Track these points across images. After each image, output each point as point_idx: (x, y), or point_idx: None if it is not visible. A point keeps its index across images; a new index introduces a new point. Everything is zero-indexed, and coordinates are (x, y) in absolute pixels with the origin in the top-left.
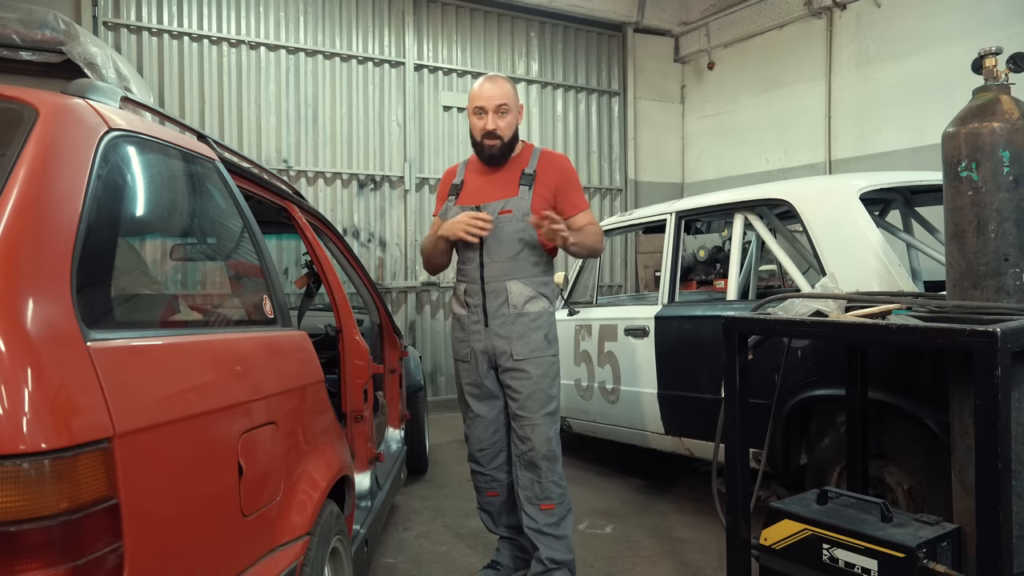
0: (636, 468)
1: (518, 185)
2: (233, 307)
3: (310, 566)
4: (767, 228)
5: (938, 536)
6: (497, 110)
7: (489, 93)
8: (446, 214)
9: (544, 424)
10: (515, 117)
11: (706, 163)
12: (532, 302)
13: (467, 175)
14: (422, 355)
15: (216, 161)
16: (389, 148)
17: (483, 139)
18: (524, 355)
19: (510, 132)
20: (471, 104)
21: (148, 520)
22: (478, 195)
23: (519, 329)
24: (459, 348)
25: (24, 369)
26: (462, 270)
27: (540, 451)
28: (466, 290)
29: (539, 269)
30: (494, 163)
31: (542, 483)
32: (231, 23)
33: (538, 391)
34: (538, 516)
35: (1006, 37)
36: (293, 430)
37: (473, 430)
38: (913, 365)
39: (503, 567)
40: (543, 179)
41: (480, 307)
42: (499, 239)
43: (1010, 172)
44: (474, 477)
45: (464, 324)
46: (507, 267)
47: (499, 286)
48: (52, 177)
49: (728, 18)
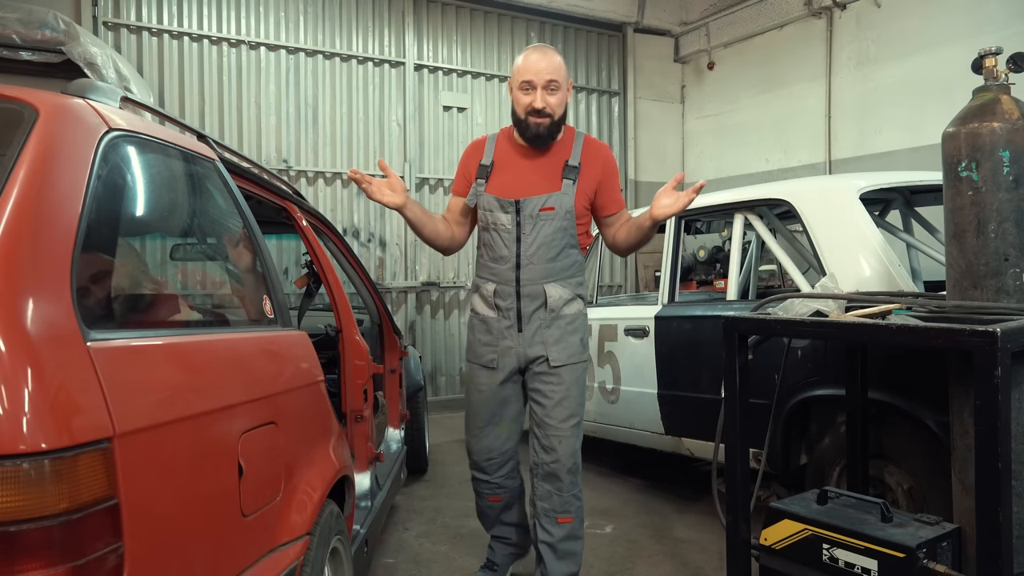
0: (636, 468)
1: (561, 178)
2: (233, 307)
3: (310, 566)
4: (767, 228)
5: (938, 536)
6: (547, 86)
7: (538, 66)
8: (477, 200)
9: (572, 435)
10: (565, 95)
11: (706, 163)
12: (569, 304)
13: (498, 155)
14: (422, 355)
15: (216, 161)
16: (389, 148)
17: (528, 116)
18: (561, 360)
19: (560, 111)
20: (517, 78)
21: (148, 520)
22: (514, 185)
23: (555, 333)
24: (483, 352)
25: (24, 369)
26: (492, 268)
27: (566, 464)
28: (496, 291)
29: (576, 268)
30: (538, 144)
31: (563, 496)
32: (231, 23)
33: (569, 398)
34: (554, 530)
35: (1006, 37)
36: (293, 430)
37: (481, 440)
38: (913, 365)
39: (499, 566)
40: (588, 171)
41: (514, 310)
42: (539, 238)
43: (1010, 172)
44: (476, 484)
45: (491, 327)
46: (547, 269)
47: (536, 289)
48: (52, 177)
49: (728, 18)
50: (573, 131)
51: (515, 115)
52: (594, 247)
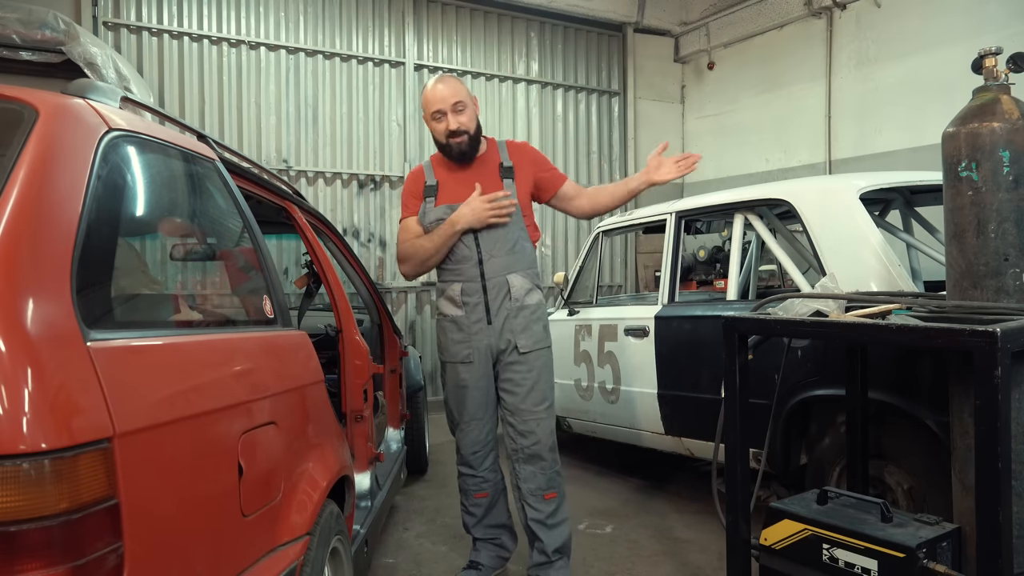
0: (636, 468)
1: (500, 179)
2: (233, 307)
3: (310, 566)
4: (767, 228)
5: (938, 536)
6: (454, 108)
7: (443, 94)
8: (428, 216)
9: (547, 417)
10: (473, 111)
11: (706, 163)
12: (531, 294)
13: (439, 176)
14: (422, 355)
15: (216, 161)
16: (389, 148)
17: (448, 139)
18: (529, 347)
19: (473, 125)
20: (427, 110)
21: (148, 520)
22: (460, 194)
23: (522, 322)
24: (458, 350)
25: (24, 369)
26: (455, 269)
27: (546, 444)
28: (463, 289)
29: (531, 260)
30: (465, 159)
31: (547, 474)
32: (231, 23)
33: (540, 382)
34: (541, 507)
35: (1006, 37)
36: (293, 430)
37: (468, 433)
38: (913, 365)
39: (484, 567)
40: (521, 168)
41: (482, 304)
42: (494, 233)
43: (1010, 172)
44: (463, 480)
45: (462, 325)
46: (507, 261)
47: (500, 281)
48: (52, 177)
49: (728, 18)
50: (494, 140)
51: (437, 143)
52: (594, 248)
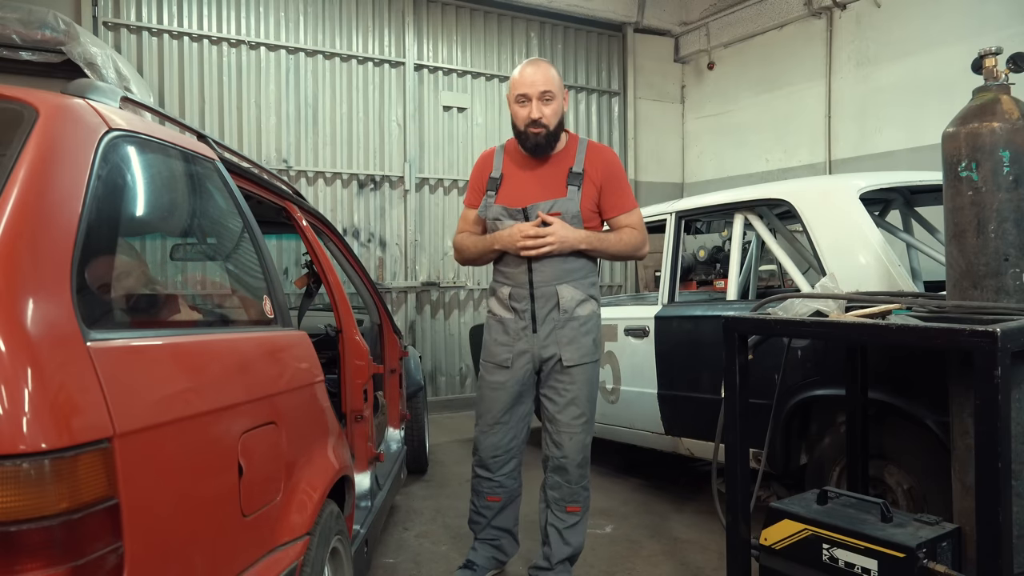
0: (636, 468)
1: (566, 185)
2: (233, 307)
3: (310, 566)
4: (767, 228)
5: (938, 536)
6: (541, 97)
7: (533, 79)
8: (486, 211)
9: (581, 432)
10: (560, 104)
11: (706, 163)
12: (582, 305)
13: (506, 168)
14: (422, 355)
15: (216, 161)
16: (389, 148)
17: (527, 128)
18: (574, 361)
19: (555, 120)
20: (513, 91)
21: (148, 520)
22: (522, 194)
23: (569, 334)
24: (499, 352)
25: (24, 369)
26: (506, 272)
27: (574, 459)
28: (511, 294)
29: (588, 270)
30: (539, 153)
31: (571, 487)
32: (231, 23)
33: (580, 397)
34: (564, 517)
35: (1006, 37)
36: (293, 430)
37: (490, 437)
38: (913, 365)
39: (479, 567)
40: (591, 176)
41: (528, 312)
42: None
43: (1010, 172)
44: (477, 482)
45: (508, 328)
46: (558, 271)
47: (549, 291)
48: (52, 177)
49: (728, 18)
50: (577, 138)
51: (515, 127)
52: None
